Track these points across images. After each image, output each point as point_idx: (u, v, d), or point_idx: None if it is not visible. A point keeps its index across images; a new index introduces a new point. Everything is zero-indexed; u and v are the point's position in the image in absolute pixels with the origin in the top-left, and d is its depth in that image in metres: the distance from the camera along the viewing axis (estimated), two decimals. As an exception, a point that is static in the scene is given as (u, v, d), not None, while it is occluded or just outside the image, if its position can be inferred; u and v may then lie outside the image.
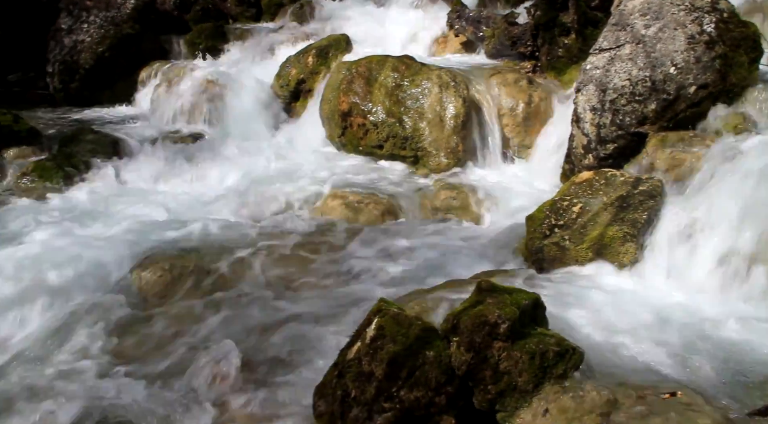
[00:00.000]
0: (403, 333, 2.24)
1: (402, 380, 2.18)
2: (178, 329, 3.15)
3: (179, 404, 2.70)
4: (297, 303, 3.30)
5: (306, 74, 6.09)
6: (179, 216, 4.26)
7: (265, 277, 3.52)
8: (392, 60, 5.34)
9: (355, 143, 5.26)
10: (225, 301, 3.31)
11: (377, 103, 5.17)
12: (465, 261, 3.63)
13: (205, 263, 3.63)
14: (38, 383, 2.81)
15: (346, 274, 3.53)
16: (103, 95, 6.92)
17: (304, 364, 2.85)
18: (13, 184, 4.95)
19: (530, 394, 2.24)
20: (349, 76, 5.29)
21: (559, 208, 3.56)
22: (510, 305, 2.32)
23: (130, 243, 3.84)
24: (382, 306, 2.33)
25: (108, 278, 3.52)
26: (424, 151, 5.07)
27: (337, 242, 3.89)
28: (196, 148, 5.29)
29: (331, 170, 4.91)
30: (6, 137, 5.45)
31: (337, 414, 2.21)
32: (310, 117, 5.69)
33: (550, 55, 5.55)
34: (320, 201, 4.43)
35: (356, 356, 2.26)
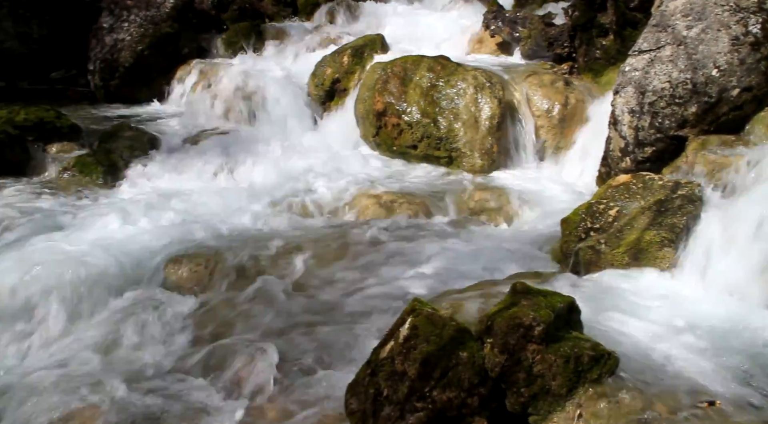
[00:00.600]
0: (437, 333, 2.24)
1: (435, 380, 2.17)
2: (213, 323, 3.19)
3: (214, 398, 2.74)
4: (330, 301, 3.32)
5: (341, 74, 6.11)
6: (214, 212, 4.32)
7: (298, 274, 3.55)
8: (427, 60, 5.33)
9: (389, 143, 5.27)
10: (259, 297, 3.35)
11: (412, 104, 5.17)
12: (498, 263, 3.60)
13: (240, 259, 3.67)
14: (77, 376, 2.87)
15: (379, 273, 3.53)
16: (142, 93, 7.03)
17: (336, 361, 2.87)
18: (55, 179, 5.07)
19: (564, 398, 2.21)
20: (384, 76, 5.30)
21: (595, 211, 3.51)
22: (545, 307, 2.30)
23: (166, 238, 3.90)
24: (415, 306, 2.33)
25: (145, 272, 3.59)
26: (459, 152, 5.06)
27: (370, 241, 3.89)
28: (232, 146, 5.34)
29: (364, 169, 4.92)
30: (49, 133, 5.58)
31: (369, 412, 2.21)
32: (345, 116, 5.71)
33: (588, 56, 5.48)
34: (354, 200, 4.44)
35: (389, 355, 2.26)
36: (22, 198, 4.65)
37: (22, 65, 7.71)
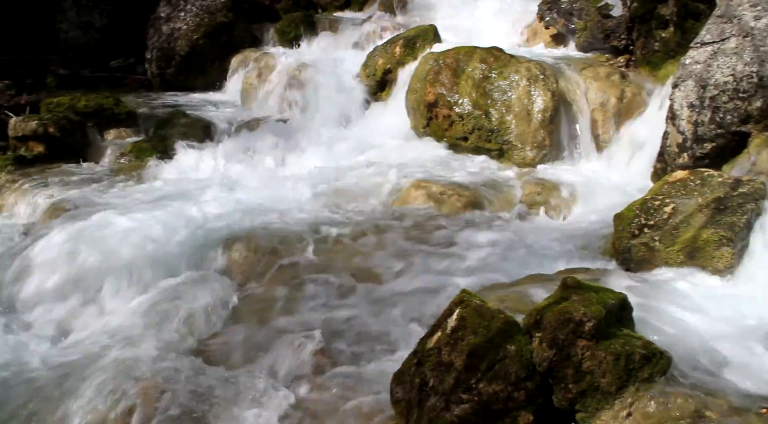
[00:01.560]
0: (485, 325, 2.22)
1: (481, 372, 2.16)
2: (261, 309, 3.24)
3: (259, 384, 2.78)
4: (377, 290, 3.33)
5: (393, 64, 6.10)
6: (265, 199, 4.37)
7: (346, 263, 3.57)
8: (480, 51, 5.27)
9: (439, 134, 5.24)
10: (307, 284, 3.38)
11: (464, 95, 5.12)
12: (548, 257, 3.56)
13: (289, 246, 3.71)
14: (128, 358, 2.94)
15: (426, 263, 3.52)
16: (197, 81, 7.17)
17: (381, 350, 2.88)
18: (112, 163, 5.23)
19: (613, 396, 2.17)
20: (436, 66, 5.27)
21: (650, 207, 3.42)
22: (596, 303, 2.26)
23: (218, 223, 3.98)
24: (464, 297, 2.32)
25: (198, 257, 3.67)
26: (510, 145, 5.00)
27: (419, 231, 3.88)
28: (283, 135, 5.40)
29: (414, 160, 4.90)
30: (107, 119, 5.75)
31: (414, 402, 2.21)
32: (395, 107, 5.70)
33: (646, 48, 5.33)
34: (403, 190, 4.43)
35: (436, 346, 2.25)
36: (81, 181, 4.82)
37: (83, 54, 7.96)
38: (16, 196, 4.65)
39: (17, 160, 5.21)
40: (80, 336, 3.27)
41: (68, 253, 3.70)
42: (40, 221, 4.28)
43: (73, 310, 3.43)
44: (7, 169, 5.10)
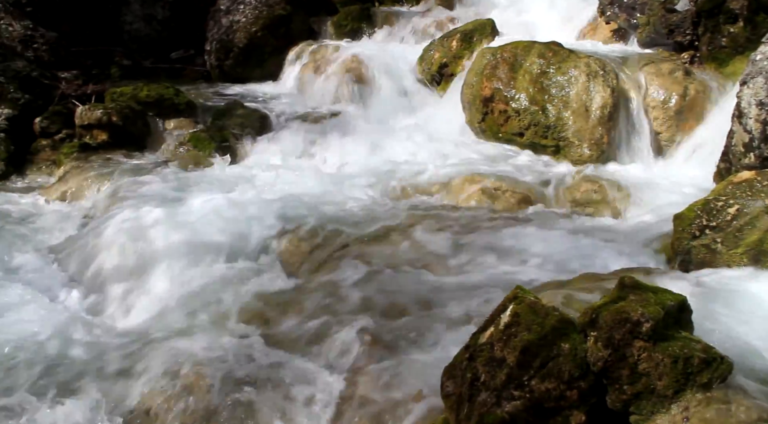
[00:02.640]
0: (539, 322, 2.19)
1: (534, 369, 2.13)
2: (313, 298, 3.28)
3: (308, 371, 2.82)
4: (429, 283, 3.32)
5: (449, 58, 6.07)
6: (319, 190, 4.42)
7: (398, 255, 3.57)
8: (539, 46, 5.19)
9: (495, 129, 5.19)
10: (358, 275, 3.40)
11: (521, 90, 5.06)
12: (603, 256, 3.48)
13: (342, 238, 3.75)
14: (183, 340, 3.03)
15: (478, 259, 3.50)
16: (254, 73, 7.26)
17: (431, 343, 2.88)
18: (171, 152, 5.36)
19: (669, 400, 2.12)
20: (494, 61, 5.22)
21: (713, 208, 3.32)
22: (654, 304, 2.21)
23: (271, 212, 4.04)
24: (518, 293, 2.29)
25: (253, 245, 3.74)
26: (567, 141, 4.91)
27: (472, 226, 3.86)
28: (339, 127, 5.44)
29: (469, 155, 4.88)
30: (167, 109, 5.90)
31: (465, 396, 2.20)
32: (451, 101, 5.66)
33: (712, 44, 5.15)
34: (457, 185, 4.42)
35: (488, 341, 2.23)
36: (141, 169, 4.96)
37: (146, 45, 8.17)
38: (81, 182, 4.83)
39: (82, 147, 5.39)
40: (139, 317, 3.38)
41: (128, 237, 3.83)
42: (103, 206, 4.43)
43: (132, 292, 3.55)
44: (73, 156, 5.29)
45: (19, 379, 2.85)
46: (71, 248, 3.97)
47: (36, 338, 3.06)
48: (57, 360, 2.97)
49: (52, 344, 3.04)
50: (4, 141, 5.40)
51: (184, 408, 2.66)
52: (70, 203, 4.67)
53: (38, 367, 2.93)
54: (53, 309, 3.31)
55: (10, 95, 5.77)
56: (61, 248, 4.01)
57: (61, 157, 5.34)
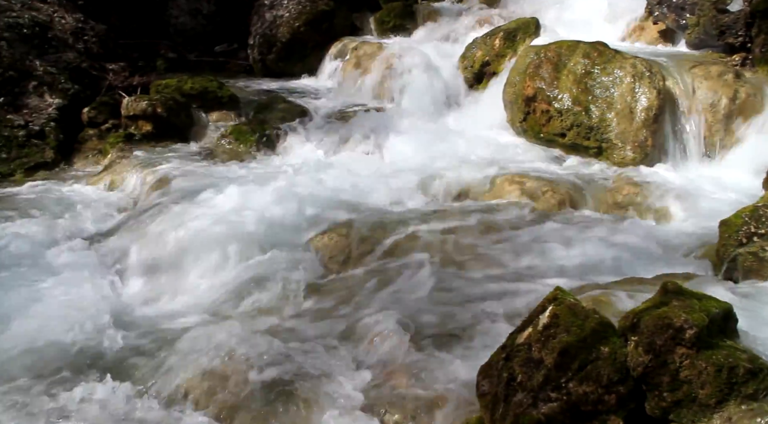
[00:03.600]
0: (578, 325, 2.17)
1: (572, 372, 2.11)
2: (349, 293, 3.30)
3: (341, 365, 2.83)
4: (464, 282, 3.31)
5: (491, 57, 6.01)
6: (357, 186, 4.43)
7: (435, 253, 3.56)
8: (584, 46, 5.12)
9: (536, 129, 5.13)
10: (396, 272, 3.41)
11: (564, 90, 4.99)
12: (644, 260, 3.42)
13: (379, 233, 3.75)
14: (221, 329, 3.05)
15: (517, 259, 3.47)
16: (296, 67, 7.31)
17: (467, 341, 2.87)
18: (213, 144, 5.43)
19: (711, 410, 2.07)
20: (537, 60, 5.16)
21: (762, 215, 3.23)
22: (698, 311, 2.16)
23: (310, 206, 4.07)
24: (558, 294, 2.27)
25: (290, 238, 3.77)
26: (609, 143, 4.83)
27: (511, 226, 3.83)
28: (379, 124, 5.43)
29: (509, 155, 4.84)
30: (211, 102, 5.98)
31: (501, 396, 2.19)
32: (492, 100, 5.62)
33: (766, 46, 5.01)
34: (497, 184, 4.38)
35: (526, 342, 2.22)
36: (184, 160, 5.04)
37: (191, 39, 8.29)
38: (126, 171, 4.93)
39: (127, 137, 5.51)
40: (177, 305, 3.44)
41: (170, 226, 3.90)
42: (146, 195, 4.52)
43: (171, 280, 3.61)
44: (119, 145, 5.41)
45: (60, 361, 2.93)
46: (115, 235, 4.06)
47: (78, 322, 3.13)
48: (97, 344, 3.05)
49: (94, 327, 3.11)
50: (54, 130, 5.55)
51: (220, 396, 2.69)
52: (114, 192, 4.77)
53: (79, 350, 3.00)
54: (95, 294, 3.38)
55: (61, 86, 5.92)
56: (105, 235, 4.10)
57: (107, 147, 5.46)
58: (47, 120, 5.60)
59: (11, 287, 3.39)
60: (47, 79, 5.91)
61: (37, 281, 3.46)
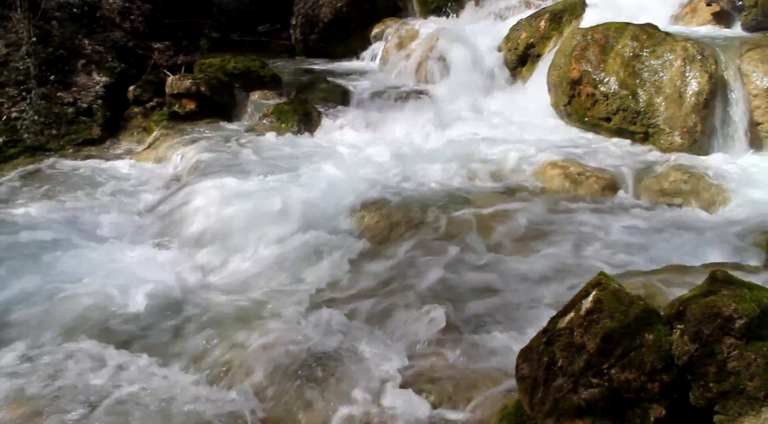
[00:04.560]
0: (622, 311, 2.12)
1: (615, 358, 2.07)
2: (389, 273, 3.30)
3: (381, 345, 2.83)
4: (505, 265, 3.28)
5: (536, 38, 5.91)
6: (400, 167, 4.42)
7: (476, 236, 3.53)
8: (632, 28, 4.98)
9: (580, 113, 5.03)
10: (436, 253, 3.39)
11: (611, 73, 4.87)
12: (691, 248, 3.34)
13: (420, 215, 3.74)
14: (257, 308, 3.10)
15: (558, 244, 3.42)
16: (338, 48, 7.31)
17: (506, 325, 2.85)
18: (255, 123, 5.47)
19: (760, 402, 2.01)
20: (584, 42, 5.04)
21: (817, 204, 3.11)
22: (749, 300, 2.09)
23: (350, 186, 4.08)
24: (601, 279, 2.22)
25: (330, 217, 3.79)
26: (656, 128, 4.71)
27: (553, 211, 3.77)
28: (421, 105, 5.41)
29: (552, 139, 4.76)
30: (253, 81, 6.02)
31: (541, 380, 2.16)
32: (536, 83, 5.53)
33: (826, 31, 4.81)
34: (539, 168, 4.32)
35: (568, 326, 2.18)
36: (226, 137, 5.10)
37: (234, 19, 8.35)
38: (170, 149, 5.00)
39: (171, 115, 5.59)
40: (219, 280, 3.49)
41: (212, 204, 3.95)
42: (189, 172, 4.58)
43: (214, 256, 3.66)
44: (163, 123, 5.49)
45: (107, 329, 3.00)
46: (159, 210, 4.14)
47: (123, 294, 3.20)
48: (141, 315, 3.11)
49: (137, 300, 3.17)
50: (101, 107, 5.65)
51: (258, 370, 2.72)
52: (158, 168, 4.85)
53: (124, 320, 3.07)
54: (139, 267, 3.45)
55: (108, 64, 6.02)
56: (150, 210, 4.19)
57: (152, 125, 5.55)
58: (95, 98, 5.71)
59: (62, 257, 3.49)
60: (95, 57, 6.02)
61: (86, 253, 3.55)
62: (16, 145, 5.20)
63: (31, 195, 4.40)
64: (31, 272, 3.36)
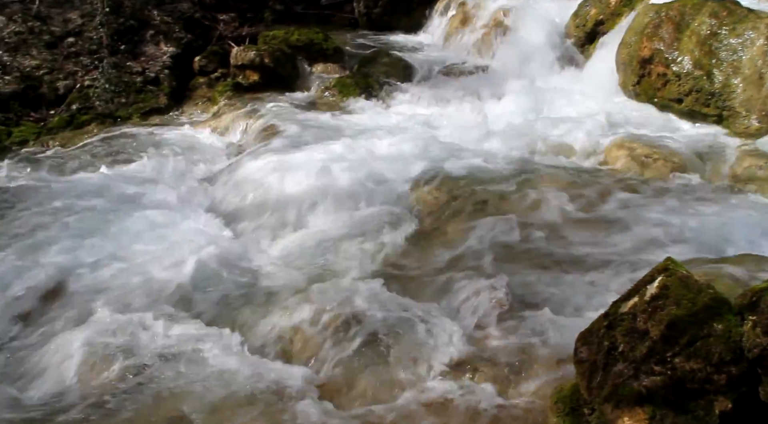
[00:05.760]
0: (690, 298, 2.05)
1: (680, 346, 2.00)
2: (448, 250, 3.28)
3: (438, 322, 2.81)
4: (565, 247, 3.22)
5: (606, 15, 5.70)
6: (461, 143, 4.38)
7: (538, 216, 3.47)
8: (711, 4, 4.74)
9: (650, 94, 4.85)
10: (495, 231, 3.34)
11: (685, 52, 4.67)
12: (765, 238, 3.19)
13: (482, 192, 3.69)
14: (313, 281, 3.11)
15: (621, 227, 3.32)
16: (401, 22, 7.23)
17: (565, 307, 2.81)
18: (317, 96, 5.50)
19: (834, 400, 1.92)
20: (657, 19, 4.84)
21: None
22: (827, 294, 1.99)
23: (411, 161, 4.07)
24: (669, 265, 2.15)
25: (392, 192, 3.79)
26: (732, 111, 4.50)
27: (617, 193, 3.65)
28: (484, 81, 5.33)
29: (619, 119, 4.60)
30: (316, 54, 6.04)
31: (600, 364, 2.12)
32: (603, 61, 5.35)
33: None
34: (604, 149, 4.20)
35: (631, 311, 2.12)
36: (288, 110, 5.13)
37: (298, -9, 8.33)
38: (233, 119, 5.08)
39: (235, 86, 5.67)
40: (276, 252, 3.54)
41: (272, 175, 3.99)
42: (251, 143, 4.65)
43: (271, 227, 3.71)
44: (227, 94, 5.58)
45: (161, 297, 3.08)
46: (219, 178, 4.22)
47: (180, 260, 3.27)
48: (196, 282, 3.17)
49: (194, 267, 3.24)
50: (168, 77, 5.77)
51: (315, 343, 2.75)
52: (221, 138, 4.93)
53: (179, 286, 3.14)
54: (201, 233, 3.53)
55: (175, 35, 6.13)
56: (212, 178, 4.27)
57: (216, 95, 5.64)
58: (162, 67, 5.83)
59: (127, 223, 3.60)
60: (163, 28, 6.14)
61: (149, 219, 3.65)
62: (88, 112, 5.38)
63: (100, 161, 4.55)
64: (97, 237, 3.49)
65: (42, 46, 5.73)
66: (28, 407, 2.54)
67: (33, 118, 5.33)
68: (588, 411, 2.16)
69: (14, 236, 3.50)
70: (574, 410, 2.21)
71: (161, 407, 2.45)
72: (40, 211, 3.73)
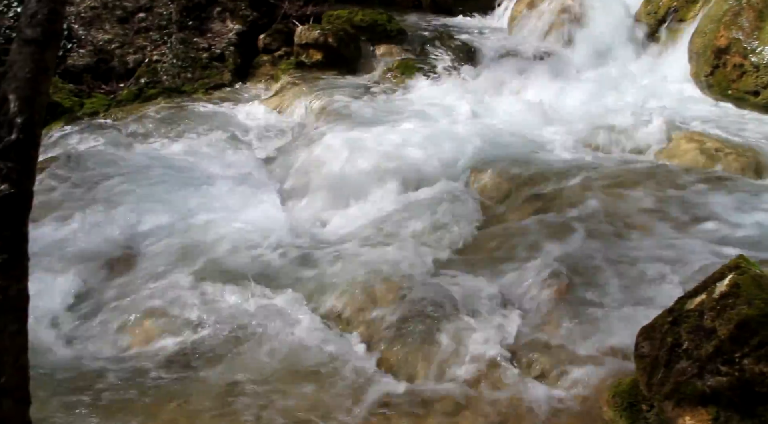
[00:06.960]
0: (763, 298, 1.98)
1: (749, 348, 1.94)
2: (506, 237, 3.25)
3: (492, 308, 2.80)
4: (627, 240, 3.14)
5: (681, 2, 5.50)
6: (519, 129, 4.32)
7: (599, 208, 3.37)
8: (797, -8, 4.53)
9: (724, 85, 4.67)
10: (555, 221, 3.30)
11: (766, 42, 4.47)
12: (844, 242, 3.04)
13: (539, 181, 3.64)
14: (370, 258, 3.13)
15: (688, 223, 3.22)
16: (466, 5, 7.12)
17: (624, 301, 2.75)
18: (379, 77, 5.48)
19: None
20: (737, 7, 4.65)
21: None
22: None
23: (473, 145, 4.04)
24: (741, 263, 2.08)
25: (452, 175, 3.79)
26: (812, 106, 4.30)
27: (685, 188, 3.53)
28: (549, 67, 5.22)
29: (689, 111, 4.46)
30: (379, 34, 6.01)
31: (662, 361, 2.07)
32: (675, 50, 5.18)
33: None
34: (672, 141, 4.06)
35: (697, 309, 2.06)
36: (350, 91, 5.13)
37: (362, -30, 8.30)
38: (295, 97, 5.12)
39: (298, 65, 5.70)
40: (335, 229, 3.59)
41: (332, 153, 4.03)
42: (312, 121, 4.68)
43: (331, 205, 3.76)
44: (289, 72, 5.62)
45: (224, 267, 3.15)
46: (281, 156, 4.29)
47: (242, 234, 3.36)
48: (258, 256, 3.25)
49: (256, 241, 3.32)
50: (233, 54, 5.85)
51: (370, 319, 2.79)
52: (284, 115, 4.98)
53: (244, 260, 3.22)
54: (263, 209, 3.60)
55: (241, 12, 6.20)
56: (272, 155, 4.34)
57: (279, 73, 5.69)
58: (227, 44, 5.91)
59: (191, 195, 3.70)
60: (230, 5, 6.21)
61: (211, 192, 3.75)
62: (156, 86, 5.51)
63: (166, 135, 4.66)
64: (163, 209, 3.61)
65: (114, 20, 5.89)
66: (86, 365, 2.65)
67: (104, 91, 5.50)
68: (646, 407, 2.13)
69: (90, 199, 3.67)
70: (632, 406, 2.18)
71: (223, 375, 2.52)
72: (111, 177, 3.88)
